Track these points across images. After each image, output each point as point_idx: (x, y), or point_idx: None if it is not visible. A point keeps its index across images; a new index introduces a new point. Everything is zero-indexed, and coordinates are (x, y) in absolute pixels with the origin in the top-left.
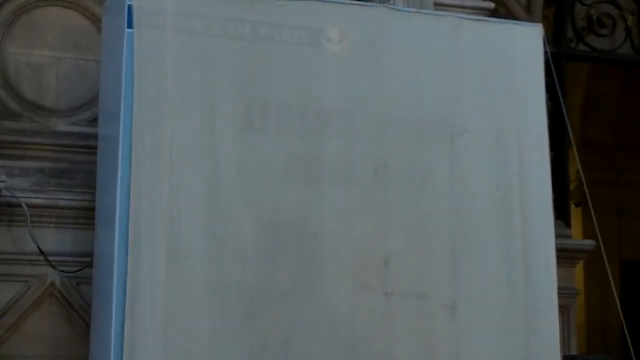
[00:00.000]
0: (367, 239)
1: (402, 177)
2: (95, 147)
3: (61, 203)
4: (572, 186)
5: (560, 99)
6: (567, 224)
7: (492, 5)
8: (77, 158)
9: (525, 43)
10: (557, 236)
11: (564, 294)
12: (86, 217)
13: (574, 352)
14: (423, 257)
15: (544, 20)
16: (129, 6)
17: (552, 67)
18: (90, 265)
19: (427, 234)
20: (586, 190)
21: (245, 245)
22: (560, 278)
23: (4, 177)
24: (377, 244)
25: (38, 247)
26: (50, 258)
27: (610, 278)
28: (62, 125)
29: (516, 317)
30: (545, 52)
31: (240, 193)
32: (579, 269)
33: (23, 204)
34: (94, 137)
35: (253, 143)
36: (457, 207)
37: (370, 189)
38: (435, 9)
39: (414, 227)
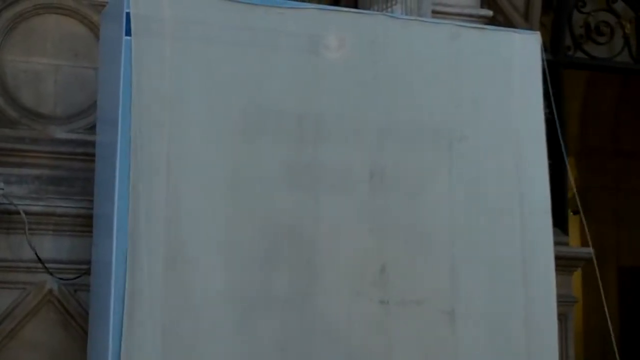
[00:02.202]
0: (364, 246)
1: (399, 184)
2: (94, 155)
3: (59, 210)
4: (569, 194)
5: (553, 107)
6: (565, 231)
7: (490, 13)
8: (75, 165)
9: (523, 50)
10: (555, 244)
11: (562, 301)
12: (84, 224)
13: None
14: (421, 263)
15: (542, 28)
16: (127, 14)
17: (547, 74)
18: (88, 272)
19: (425, 240)
20: (577, 198)
21: (243, 251)
22: (558, 286)
23: (2, 185)
24: (374, 251)
25: (36, 254)
26: (48, 265)
27: (601, 286)
28: (60, 133)
29: (515, 324)
30: (543, 60)
31: (238, 200)
32: (577, 276)
33: (21, 212)
34: (92, 144)
35: (251, 150)
36: (455, 214)
37: (367, 196)
38: (433, 17)
39: (412, 233)
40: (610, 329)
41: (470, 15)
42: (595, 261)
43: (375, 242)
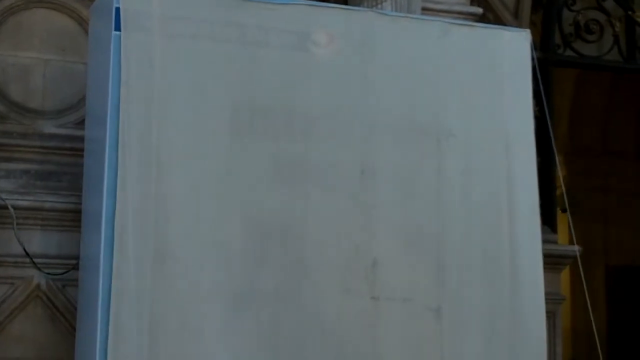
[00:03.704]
0: (353, 243)
1: (388, 181)
2: (82, 150)
3: (47, 205)
4: (558, 192)
5: (545, 105)
6: (553, 229)
7: (480, 10)
8: (64, 160)
9: (512, 48)
10: (543, 242)
11: (550, 299)
12: (72, 219)
13: (559, 358)
14: (409, 260)
15: (532, 25)
16: (116, 9)
17: (538, 72)
18: (76, 267)
19: (413, 237)
20: (565, 197)
21: (232, 248)
22: (546, 284)
23: None
24: (364, 248)
25: (24, 249)
26: (36, 260)
27: (584, 284)
28: (48, 128)
29: (502, 322)
30: (532, 58)
31: (227, 196)
32: (565, 274)
33: (9, 206)
34: (81, 139)
35: (240, 146)
36: (443, 211)
37: (356, 193)
38: (423, 14)
39: (401, 230)
40: (594, 329)
41: (460, 13)
42: (579, 259)
43: (365, 239)
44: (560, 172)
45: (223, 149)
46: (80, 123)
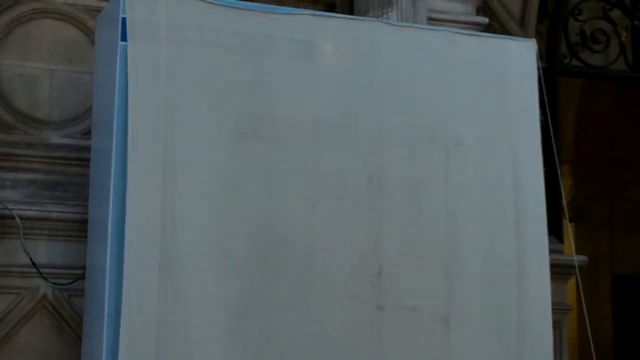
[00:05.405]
0: (360, 251)
1: (396, 190)
2: (88, 160)
3: (54, 215)
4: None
5: (548, 115)
6: (560, 239)
7: (485, 20)
8: (70, 170)
9: (518, 58)
10: (549, 251)
11: (556, 309)
12: (78, 229)
13: None
14: (416, 269)
15: (538, 35)
16: (123, 19)
17: (543, 82)
18: (82, 277)
19: (421, 246)
20: (564, 207)
21: (238, 256)
22: (552, 293)
23: None
24: (371, 256)
25: (30, 259)
26: (42, 270)
27: (582, 295)
28: (55, 138)
29: (509, 331)
30: (539, 68)
31: (233, 205)
32: (571, 284)
33: (16, 216)
34: (87, 149)
35: (246, 155)
36: (451, 220)
37: (364, 201)
38: (429, 24)
39: (408, 239)
40: (590, 340)
41: (466, 23)
42: (577, 270)
43: (372, 247)
44: (564, 182)
45: (230, 157)
46: (87, 133)
